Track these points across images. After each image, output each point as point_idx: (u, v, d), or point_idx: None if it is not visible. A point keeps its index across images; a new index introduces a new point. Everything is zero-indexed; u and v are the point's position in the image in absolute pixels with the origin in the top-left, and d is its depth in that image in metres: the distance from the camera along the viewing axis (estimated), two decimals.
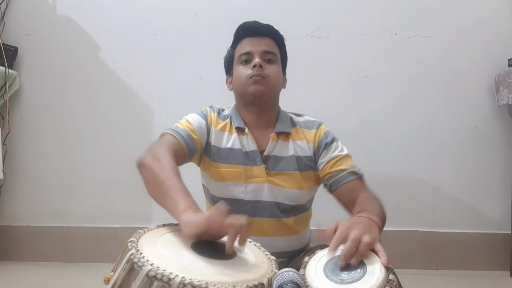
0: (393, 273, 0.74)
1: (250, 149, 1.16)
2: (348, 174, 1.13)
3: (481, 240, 1.96)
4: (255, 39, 1.18)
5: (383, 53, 2.03)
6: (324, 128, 1.23)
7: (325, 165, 1.16)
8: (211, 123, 1.19)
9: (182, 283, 0.65)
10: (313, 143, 1.20)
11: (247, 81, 1.15)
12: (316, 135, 1.20)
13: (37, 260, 2.11)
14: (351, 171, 1.13)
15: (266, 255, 0.87)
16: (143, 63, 2.12)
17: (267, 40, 1.19)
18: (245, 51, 1.17)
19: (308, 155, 1.19)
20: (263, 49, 1.17)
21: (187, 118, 1.18)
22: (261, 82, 1.14)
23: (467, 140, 1.99)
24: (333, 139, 1.20)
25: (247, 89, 1.16)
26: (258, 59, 1.15)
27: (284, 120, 1.21)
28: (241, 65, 1.18)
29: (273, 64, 1.18)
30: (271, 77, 1.16)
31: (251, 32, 1.19)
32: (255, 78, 1.14)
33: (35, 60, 2.16)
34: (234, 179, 1.15)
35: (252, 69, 1.14)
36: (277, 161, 1.17)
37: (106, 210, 2.12)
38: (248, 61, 1.17)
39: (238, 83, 1.18)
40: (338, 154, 1.16)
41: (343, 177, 1.13)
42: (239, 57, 1.19)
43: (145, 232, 0.82)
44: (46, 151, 2.16)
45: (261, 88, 1.15)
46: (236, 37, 1.23)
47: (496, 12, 1.98)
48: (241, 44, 1.20)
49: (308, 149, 1.19)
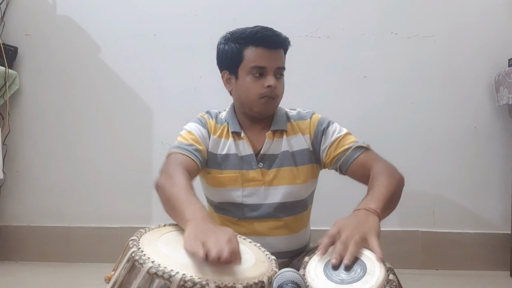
0: (393, 273, 0.75)
1: (245, 153, 1.16)
2: (353, 151, 1.12)
3: (481, 240, 1.96)
4: (271, 52, 1.11)
5: (383, 53, 2.03)
6: (317, 116, 1.21)
7: (328, 150, 1.15)
8: (210, 130, 1.19)
9: (183, 280, 0.66)
10: (309, 134, 1.18)
11: (258, 100, 1.11)
12: (311, 125, 1.19)
13: (37, 260, 2.11)
14: (356, 146, 1.12)
15: (266, 255, 0.87)
16: (143, 63, 2.12)
17: (280, 52, 1.14)
18: (260, 65, 1.10)
19: (304, 148, 1.17)
20: (277, 66, 1.12)
21: (188, 129, 1.17)
22: (271, 103, 1.13)
23: (467, 140, 1.99)
24: (328, 123, 1.18)
25: (255, 107, 1.13)
26: (273, 79, 1.10)
27: (280, 118, 1.19)
28: (252, 77, 1.11)
29: (282, 79, 1.15)
30: (279, 96, 1.15)
31: (269, 44, 1.11)
32: (266, 99, 1.11)
33: (35, 60, 2.16)
34: (231, 184, 1.15)
35: (265, 88, 1.10)
36: (273, 159, 1.16)
37: (106, 210, 2.12)
38: (261, 75, 1.11)
39: (245, 96, 1.14)
40: (338, 136, 1.15)
41: (350, 156, 1.12)
42: (251, 68, 1.11)
43: (146, 231, 0.82)
44: (46, 151, 2.16)
45: (270, 109, 1.15)
46: (248, 40, 1.11)
47: (496, 12, 1.98)
48: (255, 53, 1.10)
49: (304, 141, 1.18)
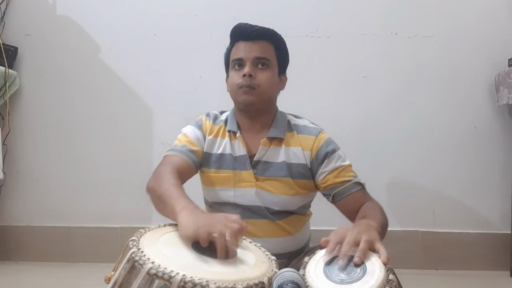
0: (393, 273, 0.75)
1: (240, 153, 1.16)
2: (352, 185, 1.12)
3: (481, 240, 1.96)
4: (248, 44, 1.13)
5: (383, 53, 2.02)
6: (324, 135, 1.18)
7: (328, 175, 1.13)
8: (205, 131, 1.20)
9: (183, 281, 0.66)
10: (310, 151, 1.15)
11: (238, 90, 1.13)
12: (315, 143, 1.16)
13: (37, 260, 2.10)
14: (355, 181, 1.13)
15: (266, 255, 0.87)
16: (143, 63, 2.12)
17: (261, 44, 1.14)
18: (237, 57, 1.14)
19: (301, 163, 1.15)
20: (255, 56, 1.12)
21: (184, 131, 1.21)
22: (250, 92, 1.11)
23: (467, 140, 1.99)
24: (334, 148, 1.15)
25: (238, 98, 1.14)
26: (249, 67, 1.11)
27: (279, 124, 1.18)
28: (234, 70, 1.15)
29: (266, 70, 1.13)
30: (261, 86, 1.12)
31: (244, 36, 1.14)
32: (244, 88, 1.11)
33: (35, 60, 2.16)
34: (223, 183, 1.16)
35: (242, 78, 1.11)
36: (267, 167, 1.15)
37: (106, 210, 2.12)
38: (240, 66, 1.14)
39: (230, 89, 1.17)
40: (341, 165, 1.14)
41: (348, 188, 1.12)
42: (232, 62, 1.16)
43: (146, 231, 0.82)
44: (46, 151, 2.16)
45: (251, 98, 1.12)
46: (231, 38, 1.18)
47: (496, 12, 1.98)
48: (235, 48, 1.16)
49: (303, 156, 1.16)
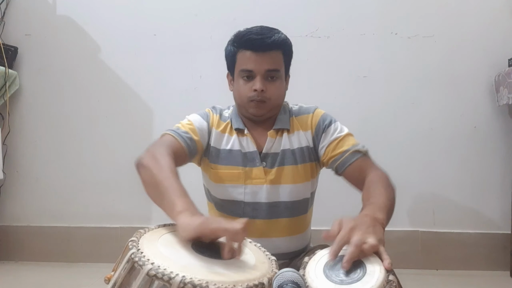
0: (393, 273, 0.74)
1: (249, 150, 1.15)
2: (351, 155, 1.10)
3: (481, 240, 1.96)
4: (258, 56, 1.08)
5: (383, 53, 2.03)
6: (320, 111, 1.19)
7: (327, 148, 1.13)
8: (212, 124, 1.18)
9: (182, 282, 0.66)
10: (310, 129, 1.16)
11: (248, 102, 1.11)
12: (312, 120, 1.17)
13: (37, 260, 2.10)
14: (354, 150, 1.11)
15: (266, 255, 0.87)
16: (143, 63, 2.12)
17: (272, 54, 1.10)
18: (247, 69, 1.09)
19: (304, 146, 1.15)
20: (266, 69, 1.09)
21: (189, 118, 1.17)
22: (261, 106, 1.11)
23: (467, 140, 1.99)
24: (331, 120, 1.16)
25: (248, 109, 1.12)
26: (260, 82, 1.08)
27: (283, 116, 1.18)
28: (242, 80, 1.11)
29: (276, 81, 1.11)
30: (272, 99, 1.11)
31: (255, 47, 1.09)
32: (256, 103, 1.10)
33: (35, 60, 2.16)
34: (233, 180, 1.14)
35: (253, 91, 1.09)
36: (275, 158, 1.15)
37: (106, 210, 2.12)
38: (249, 78, 1.10)
39: (238, 98, 1.14)
40: (338, 135, 1.13)
41: (347, 158, 1.10)
42: (240, 71, 1.11)
43: (145, 231, 0.82)
44: (46, 151, 2.16)
45: (262, 112, 1.12)
46: (239, 43, 1.11)
47: (496, 12, 1.98)
48: (244, 56, 1.10)
49: (304, 138, 1.16)
